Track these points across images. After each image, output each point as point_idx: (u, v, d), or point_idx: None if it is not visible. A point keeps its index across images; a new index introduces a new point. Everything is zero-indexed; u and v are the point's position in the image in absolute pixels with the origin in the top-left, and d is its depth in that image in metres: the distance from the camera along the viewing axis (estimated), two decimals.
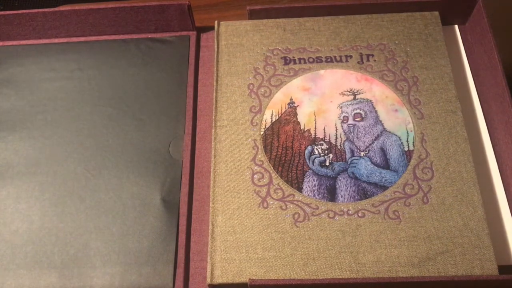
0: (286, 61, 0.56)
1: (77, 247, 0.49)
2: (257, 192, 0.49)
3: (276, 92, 0.54)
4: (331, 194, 0.48)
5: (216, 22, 0.59)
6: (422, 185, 0.48)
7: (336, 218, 0.47)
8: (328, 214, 0.47)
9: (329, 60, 0.56)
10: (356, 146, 0.51)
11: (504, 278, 0.43)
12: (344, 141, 0.51)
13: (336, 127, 0.52)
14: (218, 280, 0.45)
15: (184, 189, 0.51)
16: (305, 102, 0.54)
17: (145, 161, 0.53)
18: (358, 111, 0.53)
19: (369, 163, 0.50)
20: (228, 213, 0.48)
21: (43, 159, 0.53)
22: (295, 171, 0.50)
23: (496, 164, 0.52)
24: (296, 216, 0.47)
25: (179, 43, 0.60)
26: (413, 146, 0.51)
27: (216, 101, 0.54)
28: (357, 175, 0.49)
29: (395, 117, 0.53)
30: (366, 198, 0.48)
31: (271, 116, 0.53)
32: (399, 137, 0.51)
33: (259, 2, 0.64)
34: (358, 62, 0.56)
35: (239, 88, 0.55)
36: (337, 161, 0.50)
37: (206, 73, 0.59)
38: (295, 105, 0.54)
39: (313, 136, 0.52)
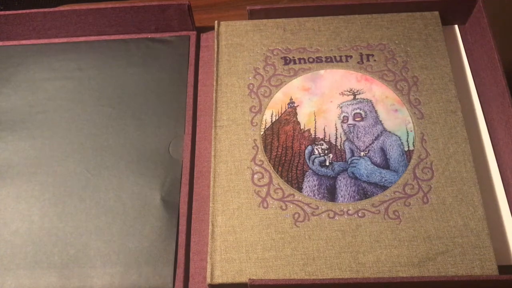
0: (286, 61, 0.56)
1: (77, 247, 0.49)
2: (257, 192, 0.49)
3: (276, 92, 0.54)
4: (331, 194, 0.48)
5: (216, 22, 0.59)
6: (422, 185, 0.48)
7: (336, 218, 0.47)
8: (328, 214, 0.47)
9: (329, 60, 0.56)
10: (356, 146, 0.51)
11: (504, 278, 0.43)
12: (344, 141, 0.51)
13: (336, 127, 0.52)
14: (218, 280, 0.45)
15: (184, 189, 0.51)
16: (305, 102, 0.54)
17: (145, 161, 0.53)
18: (358, 111, 0.53)
19: (369, 163, 0.50)
20: (228, 213, 0.48)
21: (43, 159, 0.53)
22: (295, 171, 0.50)
23: (496, 164, 0.52)
24: (296, 216, 0.47)
25: (179, 43, 0.60)
26: (413, 146, 0.51)
27: (216, 101, 0.54)
28: (357, 175, 0.49)
29: (395, 117, 0.53)
30: (366, 198, 0.48)
31: (271, 116, 0.53)
32: (399, 137, 0.51)
33: (259, 2, 0.64)
34: (358, 62, 0.56)
35: (239, 88, 0.55)
36: (337, 161, 0.50)
37: (206, 73, 0.59)
38: (295, 105, 0.54)
39: (313, 136, 0.52)
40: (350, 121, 0.53)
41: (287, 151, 0.51)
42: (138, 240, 0.49)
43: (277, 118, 0.53)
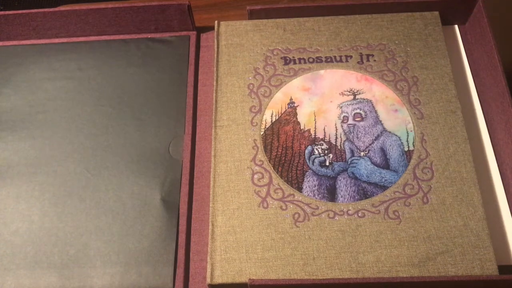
0: (286, 61, 0.56)
1: (77, 247, 0.49)
2: (257, 192, 0.49)
3: (276, 92, 0.54)
4: (331, 194, 0.48)
5: (216, 22, 0.59)
6: (422, 185, 0.48)
7: (336, 218, 0.47)
8: (328, 214, 0.47)
9: (329, 60, 0.56)
10: (356, 146, 0.51)
11: (504, 278, 0.43)
12: (344, 141, 0.51)
13: (336, 127, 0.52)
14: (218, 280, 0.45)
15: (184, 189, 0.51)
16: (305, 102, 0.54)
17: (145, 161, 0.53)
18: (358, 111, 0.53)
19: (369, 163, 0.50)
20: (228, 213, 0.48)
21: (43, 159, 0.54)
22: (295, 171, 0.50)
23: (496, 164, 0.52)
24: (296, 216, 0.47)
25: (179, 43, 0.60)
26: (413, 146, 0.51)
27: (216, 101, 0.54)
28: (357, 175, 0.49)
29: (395, 117, 0.53)
30: (366, 198, 0.48)
31: (271, 116, 0.53)
32: (399, 137, 0.51)
33: (259, 2, 0.64)
34: (358, 62, 0.56)
35: (239, 88, 0.55)
36: (337, 161, 0.50)
37: (206, 73, 0.59)
38: (295, 105, 0.54)
39: (313, 136, 0.52)
40: (350, 121, 0.52)
41: (287, 151, 0.51)
42: (138, 240, 0.49)
43: (277, 118, 0.53)
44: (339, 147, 0.51)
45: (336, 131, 0.52)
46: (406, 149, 0.51)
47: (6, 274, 0.48)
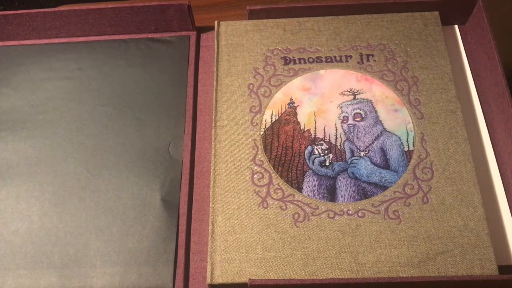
0: (286, 61, 0.56)
1: (77, 247, 0.49)
2: (257, 192, 0.49)
3: (276, 92, 0.54)
4: (331, 194, 0.48)
5: (216, 22, 0.59)
6: (422, 185, 0.48)
7: (336, 218, 0.47)
8: (328, 214, 0.47)
9: (329, 60, 0.56)
10: (356, 146, 0.51)
11: (504, 278, 0.43)
12: (344, 141, 0.51)
13: (336, 127, 0.52)
14: (218, 280, 0.45)
15: (184, 189, 0.51)
16: (305, 102, 0.54)
17: (145, 161, 0.53)
18: (358, 111, 0.53)
19: (369, 163, 0.50)
20: (228, 213, 0.48)
21: (43, 159, 0.54)
22: (295, 171, 0.50)
23: (496, 164, 0.52)
24: (296, 216, 0.47)
25: (179, 43, 0.60)
26: (413, 146, 0.51)
27: (216, 101, 0.54)
28: (357, 175, 0.49)
29: (395, 117, 0.53)
30: (366, 198, 0.48)
31: (271, 116, 0.53)
32: (399, 137, 0.51)
33: (259, 2, 0.64)
34: (358, 62, 0.56)
35: (239, 88, 0.55)
36: (337, 161, 0.50)
37: (206, 73, 0.59)
38: (295, 105, 0.54)
39: (313, 136, 0.52)
40: (350, 121, 0.53)
41: (287, 151, 0.51)
42: (138, 240, 0.49)
43: (277, 118, 0.53)
44: (339, 147, 0.51)
45: (336, 131, 0.52)
46: (406, 149, 0.51)
47: (6, 274, 0.48)
